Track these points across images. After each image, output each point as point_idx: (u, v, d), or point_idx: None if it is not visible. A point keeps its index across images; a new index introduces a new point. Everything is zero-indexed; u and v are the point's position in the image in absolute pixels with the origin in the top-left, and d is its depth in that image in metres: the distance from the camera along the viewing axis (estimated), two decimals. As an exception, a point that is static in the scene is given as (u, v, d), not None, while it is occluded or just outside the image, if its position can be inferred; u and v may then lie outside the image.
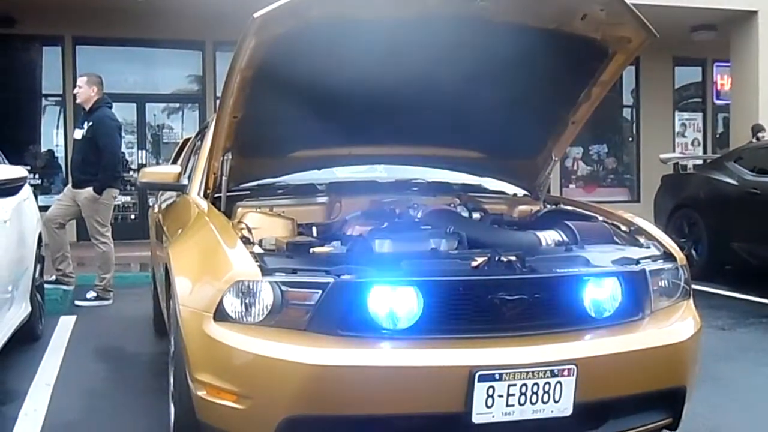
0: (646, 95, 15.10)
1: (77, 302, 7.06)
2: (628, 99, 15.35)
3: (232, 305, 2.78)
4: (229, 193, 3.73)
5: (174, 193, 4.79)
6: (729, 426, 3.87)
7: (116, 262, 7.42)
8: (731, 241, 7.99)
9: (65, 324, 6.22)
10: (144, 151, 12.93)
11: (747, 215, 7.87)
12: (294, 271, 2.79)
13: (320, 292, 2.72)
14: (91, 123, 6.95)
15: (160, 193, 5.75)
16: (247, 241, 3.07)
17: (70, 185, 7.30)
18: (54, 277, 7.13)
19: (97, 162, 6.90)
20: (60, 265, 7.16)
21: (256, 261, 2.83)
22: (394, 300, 2.76)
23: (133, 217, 12.48)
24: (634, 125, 15.45)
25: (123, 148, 11.14)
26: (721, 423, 3.89)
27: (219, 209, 3.63)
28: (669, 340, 3.06)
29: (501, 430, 2.74)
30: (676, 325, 3.16)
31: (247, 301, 2.77)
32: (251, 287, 2.77)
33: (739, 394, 4.45)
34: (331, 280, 2.73)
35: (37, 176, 11.94)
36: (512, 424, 2.73)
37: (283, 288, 2.75)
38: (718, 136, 15.93)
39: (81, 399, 4.34)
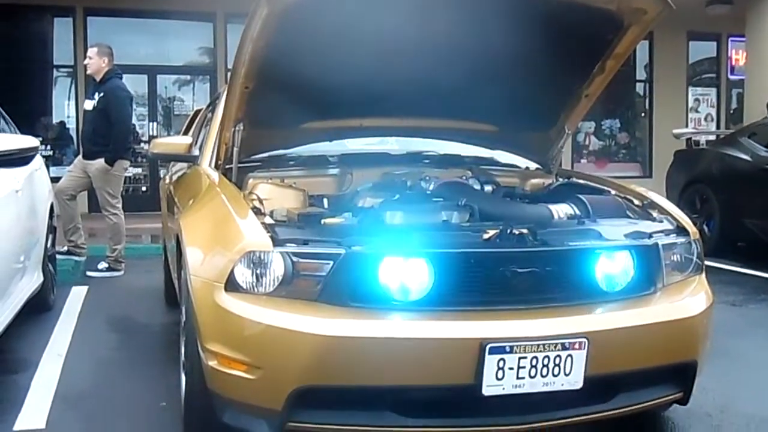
0: (660, 70, 14.97)
1: (89, 273, 7.09)
2: (641, 74, 15.23)
3: (243, 276, 2.78)
4: (240, 164, 3.72)
5: (185, 165, 4.79)
6: (739, 401, 3.86)
7: (127, 233, 7.44)
8: (743, 218, 7.91)
9: (77, 294, 6.25)
10: (155, 123, 12.90)
11: (760, 191, 7.78)
12: (305, 242, 2.79)
13: (331, 263, 2.72)
14: (102, 94, 6.94)
15: (171, 164, 5.75)
16: (258, 212, 3.06)
17: (80, 156, 7.30)
18: (66, 248, 7.15)
19: (108, 133, 6.90)
20: (72, 237, 7.18)
21: (268, 232, 2.83)
22: (405, 272, 2.75)
23: (144, 188, 12.49)
24: (647, 100, 15.32)
25: (134, 120, 11.16)
26: (732, 398, 3.88)
27: (230, 180, 3.62)
28: (681, 314, 3.05)
29: (511, 402, 2.74)
30: (687, 299, 3.15)
31: (258, 271, 2.77)
32: (262, 258, 2.77)
33: (750, 370, 4.44)
34: (342, 251, 2.73)
35: (48, 147, 11.94)
36: (522, 397, 2.73)
37: (294, 259, 2.75)
38: (732, 111, 15.79)
39: (92, 368, 4.37)
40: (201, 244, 3.14)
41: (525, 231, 2.91)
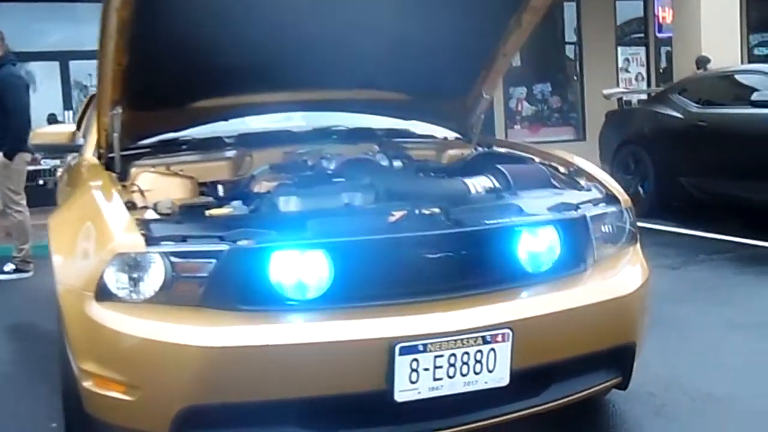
0: (588, 31, 14.87)
1: (-7, 276, 6.61)
2: (570, 36, 15.12)
3: (116, 282, 2.41)
4: (126, 152, 3.31)
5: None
6: (683, 375, 3.63)
7: (42, 230, 6.94)
8: (678, 176, 7.83)
9: (-23, 300, 5.81)
10: (70, 112, 12.30)
11: (694, 149, 7.69)
12: (183, 239, 2.42)
13: (214, 261, 2.37)
14: (-6, 83, 6.42)
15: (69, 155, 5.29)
16: (133, 206, 2.69)
17: (-24, 152, 6.76)
18: (-33, 251, 6.67)
19: (5, 125, 6.39)
20: (-27, 238, 6.70)
21: (141, 229, 2.45)
22: (300, 266, 2.42)
23: (60, 182, 11.93)
24: (578, 62, 15.22)
25: (53, 110, 10.62)
26: (675, 373, 3.65)
27: (114, 170, 3.21)
28: (615, 293, 2.77)
29: (429, 407, 2.44)
30: (622, 274, 2.89)
31: (131, 275, 2.40)
32: (136, 260, 2.39)
33: (693, 338, 4.22)
34: (225, 247, 2.38)
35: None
36: (441, 400, 2.42)
37: (173, 259, 2.39)
38: (662, 70, 15.79)
39: (-19, 386, 3.96)
40: (67, 246, 2.75)
41: (436, 210, 2.61)
